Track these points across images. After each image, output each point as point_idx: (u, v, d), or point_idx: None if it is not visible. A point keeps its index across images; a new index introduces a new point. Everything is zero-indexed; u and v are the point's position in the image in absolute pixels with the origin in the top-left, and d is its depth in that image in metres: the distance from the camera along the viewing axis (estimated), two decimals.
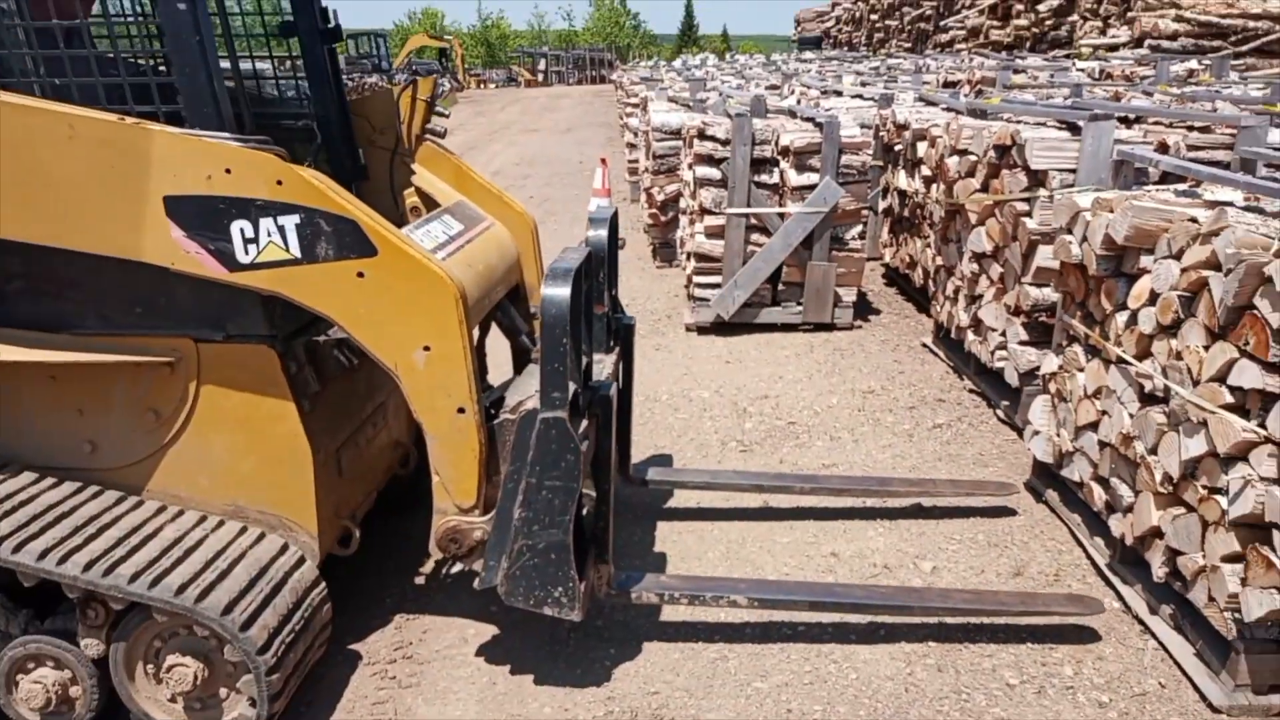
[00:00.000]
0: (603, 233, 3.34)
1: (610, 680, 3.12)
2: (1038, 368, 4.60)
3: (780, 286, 6.72)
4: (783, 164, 6.58)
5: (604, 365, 3.32)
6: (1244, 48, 15.55)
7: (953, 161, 5.77)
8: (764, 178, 6.62)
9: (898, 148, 7.48)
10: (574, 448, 2.67)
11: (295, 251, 2.54)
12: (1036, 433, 4.28)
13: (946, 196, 5.90)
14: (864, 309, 7.27)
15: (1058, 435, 4.11)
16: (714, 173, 6.64)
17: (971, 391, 5.61)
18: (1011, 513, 4.22)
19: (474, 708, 3.02)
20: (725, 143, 6.59)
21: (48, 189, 2.49)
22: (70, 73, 2.59)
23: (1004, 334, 5.10)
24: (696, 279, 6.75)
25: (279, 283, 2.59)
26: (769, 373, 5.95)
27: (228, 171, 2.47)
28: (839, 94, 9.87)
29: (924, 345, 6.45)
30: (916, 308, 7.36)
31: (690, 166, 6.94)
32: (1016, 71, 11.39)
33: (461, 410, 2.71)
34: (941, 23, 24.07)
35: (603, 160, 9.61)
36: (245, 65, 3.33)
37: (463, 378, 2.67)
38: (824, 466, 4.69)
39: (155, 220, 2.50)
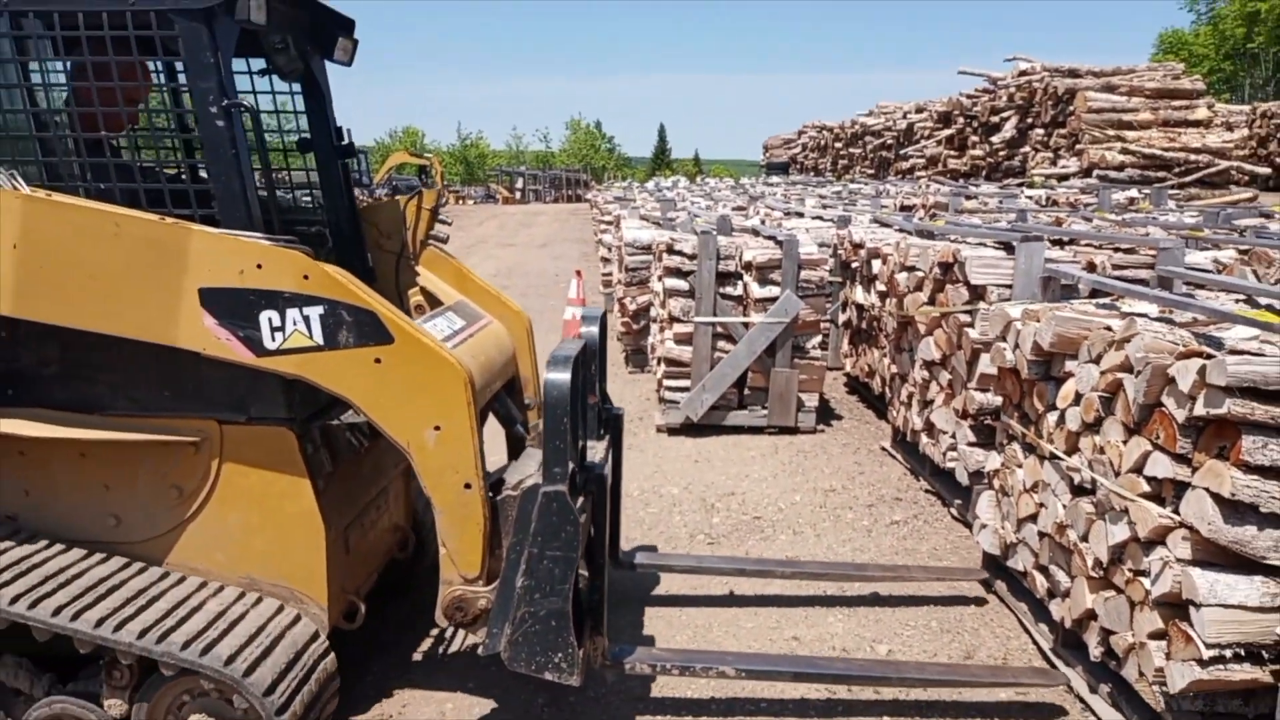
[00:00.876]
0: (594, 329, 3.66)
1: None
2: (985, 467, 4.92)
3: (746, 391, 7.07)
4: (746, 277, 7.03)
5: (596, 451, 3.59)
6: (1187, 179, 16.61)
7: (902, 277, 6.22)
8: (729, 290, 7.05)
9: (854, 265, 7.97)
10: (573, 519, 2.92)
11: (318, 339, 2.82)
12: (984, 526, 4.58)
13: (898, 309, 6.33)
14: (826, 414, 7.62)
15: (1002, 528, 4.41)
16: (682, 284, 7.07)
17: (927, 491, 5.91)
18: (964, 602, 4.47)
19: None
20: (692, 257, 7.04)
21: (93, 280, 2.78)
22: (114, 178, 2.92)
23: (954, 436, 5.44)
24: (666, 383, 7.09)
25: (302, 367, 2.86)
26: (736, 471, 6.24)
27: (259, 267, 2.77)
28: (800, 215, 10.47)
29: (883, 448, 6.78)
30: (876, 414, 7.72)
31: (660, 278, 7.37)
32: (969, 198, 12.12)
33: (468, 486, 2.95)
34: (902, 151, 25.37)
35: (578, 272, 10.07)
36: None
37: (470, 455, 2.93)
38: (788, 559, 4.93)
39: (190, 309, 2.79)
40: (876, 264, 7.07)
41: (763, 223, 8.83)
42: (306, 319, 2.80)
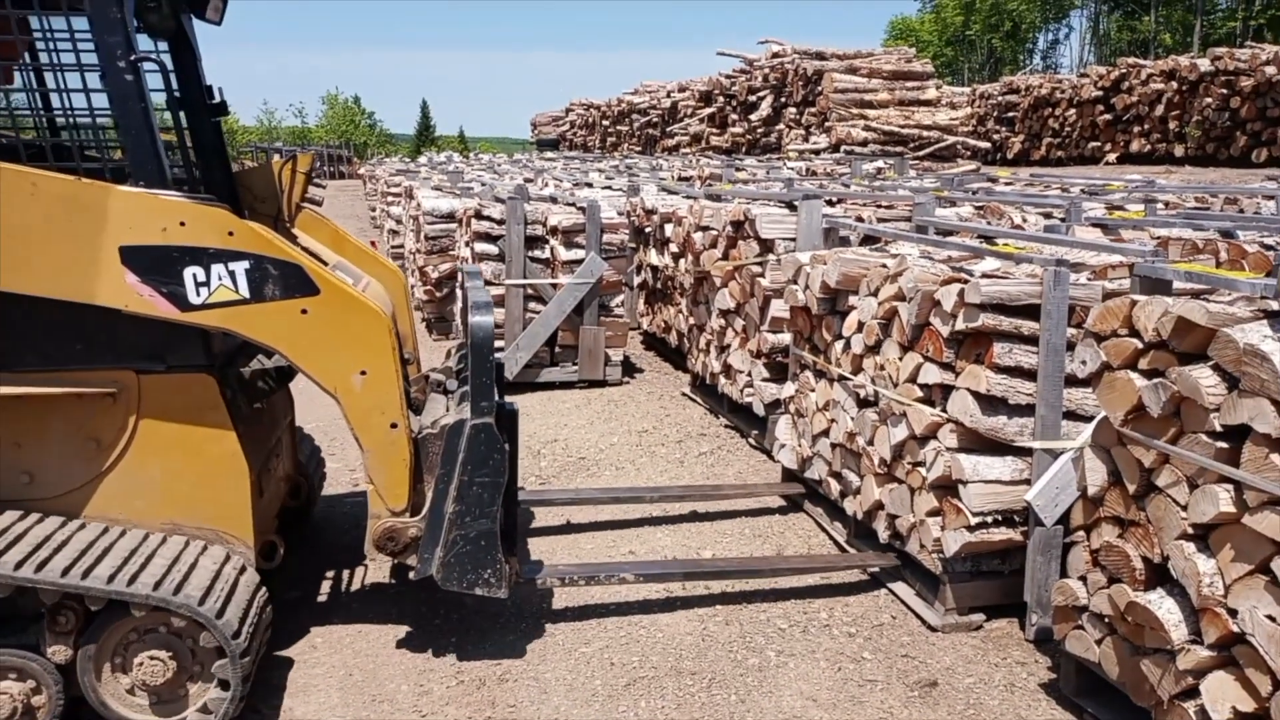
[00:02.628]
0: (479, 281, 3.92)
1: (457, 661, 3.60)
2: (778, 400, 5.59)
3: (557, 349, 7.48)
4: (553, 241, 7.41)
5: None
6: (921, 153, 18.56)
7: (698, 236, 6.83)
8: (537, 253, 7.41)
9: (647, 230, 8.53)
10: (501, 448, 3.22)
11: (245, 293, 2.92)
12: (783, 446, 5.24)
13: (694, 266, 6.93)
14: (629, 368, 8.16)
15: (799, 445, 5.07)
16: (492, 248, 7.36)
17: (727, 426, 6.57)
18: (769, 512, 5.12)
19: (336, 695, 3.40)
20: (501, 222, 7.34)
21: (8, 240, 2.73)
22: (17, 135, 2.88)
23: (750, 374, 6.10)
24: None
25: (228, 320, 2.95)
26: (555, 421, 6.64)
27: (182, 224, 2.83)
28: (590, 186, 10.95)
29: (684, 394, 7.40)
30: (674, 366, 8.36)
31: (469, 244, 7.61)
32: (738, 169, 13.06)
33: (394, 425, 3.16)
34: (668, 129, 26.49)
35: (372, 243, 10.05)
36: None
37: (395, 396, 3.13)
38: (651, 485, 5.45)
39: (110, 267, 2.81)
40: (670, 228, 7.65)
41: (557, 192, 9.21)
42: (232, 274, 2.89)
